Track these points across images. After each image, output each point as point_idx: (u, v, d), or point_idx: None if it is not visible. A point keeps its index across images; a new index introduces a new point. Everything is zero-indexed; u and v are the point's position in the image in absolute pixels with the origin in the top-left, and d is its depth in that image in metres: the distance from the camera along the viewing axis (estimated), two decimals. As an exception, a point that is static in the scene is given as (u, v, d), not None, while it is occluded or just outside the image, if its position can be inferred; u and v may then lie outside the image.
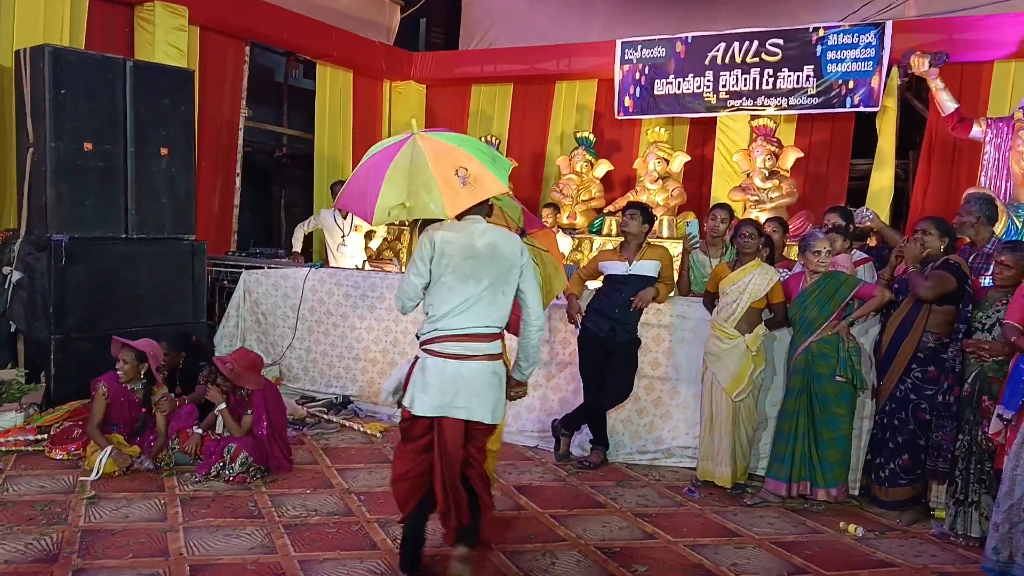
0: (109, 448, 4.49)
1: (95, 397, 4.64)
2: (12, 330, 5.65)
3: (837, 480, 4.44)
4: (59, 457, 4.70)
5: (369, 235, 7.77)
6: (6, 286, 5.59)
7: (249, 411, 4.69)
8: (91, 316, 5.59)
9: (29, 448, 4.82)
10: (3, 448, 4.78)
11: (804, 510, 4.44)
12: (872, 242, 5.86)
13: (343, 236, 7.51)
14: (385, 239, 8.52)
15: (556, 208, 7.92)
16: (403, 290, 3.30)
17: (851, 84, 7.49)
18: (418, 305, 3.34)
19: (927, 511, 4.35)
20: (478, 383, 3.20)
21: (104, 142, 5.61)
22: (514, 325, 3.49)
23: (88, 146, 5.52)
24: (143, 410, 4.78)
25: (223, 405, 4.68)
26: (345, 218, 7.52)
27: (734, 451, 4.63)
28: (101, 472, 4.41)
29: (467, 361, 3.19)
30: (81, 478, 4.39)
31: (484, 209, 3.32)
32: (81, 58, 5.61)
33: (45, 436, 4.86)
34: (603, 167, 8.60)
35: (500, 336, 3.29)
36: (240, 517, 3.98)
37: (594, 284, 5.33)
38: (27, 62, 5.44)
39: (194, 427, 4.78)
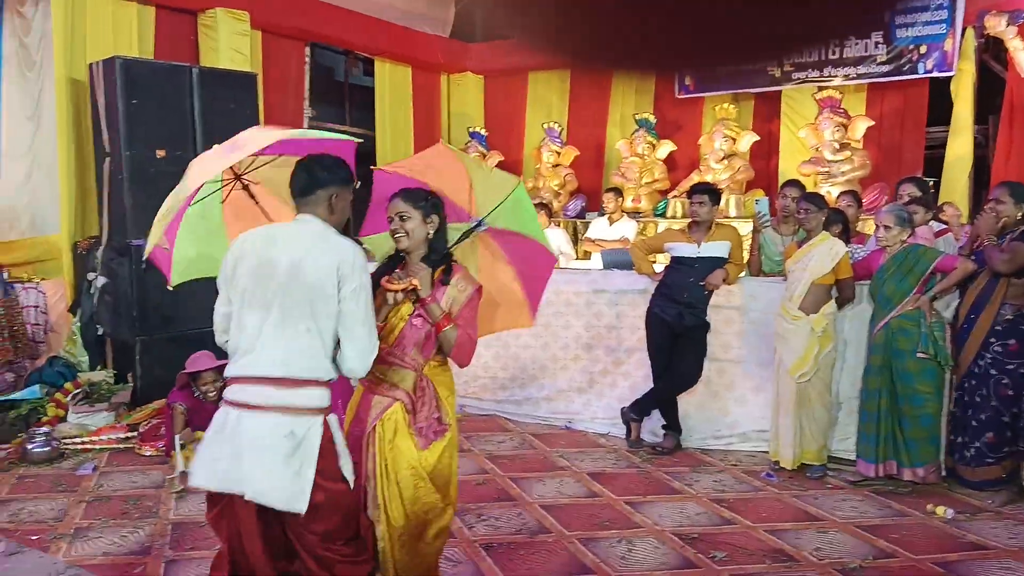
0: (179, 441, 4.61)
1: (174, 416, 4.76)
2: (100, 333, 5.90)
3: (924, 459, 4.27)
4: (148, 453, 4.91)
5: None
6: (92, 291, 5.83)
7: None
8: (171, 317, 5.78)
9: (120, 446, 5.05)
10: (97, 446, 5.02)
11: (890, 492, 4.31)
12: None
13: None
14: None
15: (619, 192, 7.78)
16: (214, 320, 2.51)
17: (923, 49, 7.20)
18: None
19: (1021, 490, 4.16)
20: (262, 445, 2.23)
21: (175, 148, 5.78)
22: (457, 356, 2.73)
23: (160, 153, 5.70)
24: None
25: None
26: None
27: (797, 433, 4.52)
28: (183, 466, 4.53)
29: (249, 412, 2.27)
30: (180, 470, 4.49)
31: (320, 205, 2.51)
32: (151, 67, 5.81)
33: (135, 434, 5.08)
34: (666, 148, 8.47)
35: (313, 383, 2.33)
36: (320, 508, 4.06)
37: (658, 267, 5.26)
38: (100, 74, 5.66)
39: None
